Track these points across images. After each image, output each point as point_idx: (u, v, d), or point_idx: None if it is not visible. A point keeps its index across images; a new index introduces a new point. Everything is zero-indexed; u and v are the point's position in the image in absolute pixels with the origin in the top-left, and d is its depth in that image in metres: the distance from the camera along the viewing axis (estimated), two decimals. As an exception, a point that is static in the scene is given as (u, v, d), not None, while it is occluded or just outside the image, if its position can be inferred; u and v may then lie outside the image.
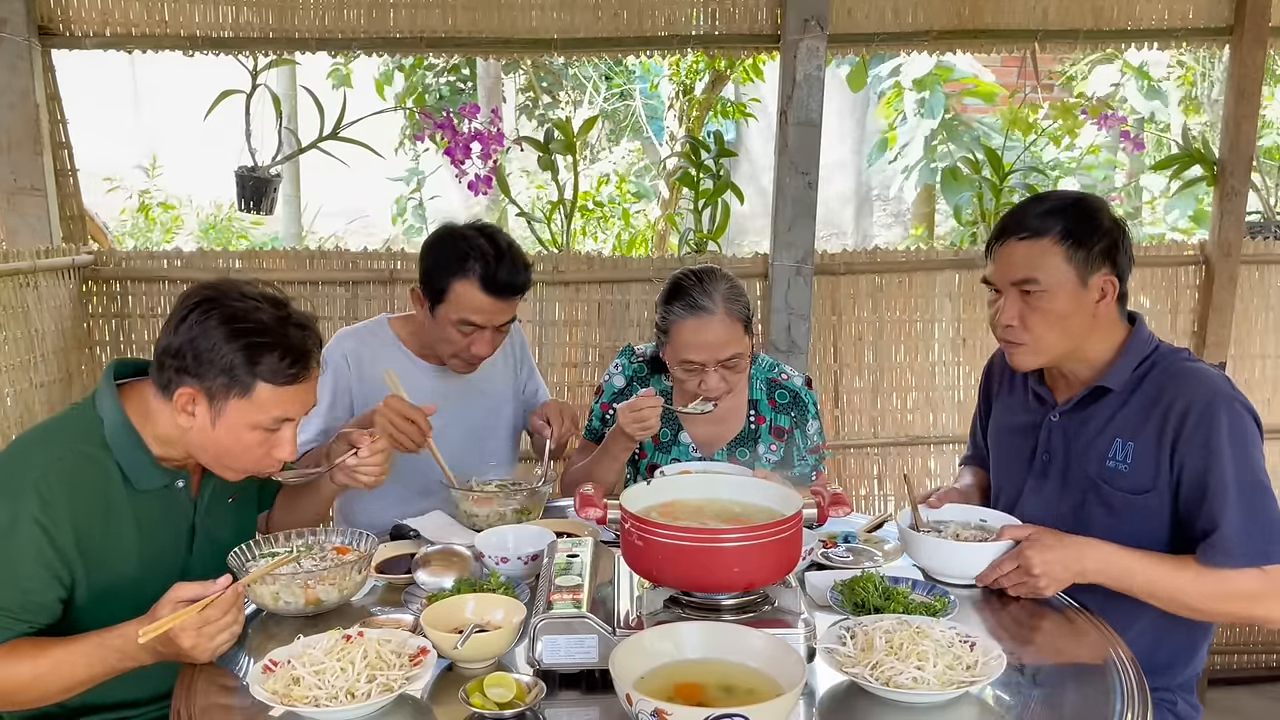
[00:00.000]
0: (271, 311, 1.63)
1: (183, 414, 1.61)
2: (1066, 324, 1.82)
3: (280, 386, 1.60)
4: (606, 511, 1.61)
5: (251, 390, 1.59)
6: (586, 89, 6.93)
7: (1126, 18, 3.09)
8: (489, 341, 2.22)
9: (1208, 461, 1.73)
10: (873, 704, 1.41)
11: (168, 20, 2.88)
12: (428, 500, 2.22)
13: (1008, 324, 1.85)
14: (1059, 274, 1.79)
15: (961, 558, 1.78)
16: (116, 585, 1.64)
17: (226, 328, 1.58)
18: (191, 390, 1.59)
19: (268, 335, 1.59)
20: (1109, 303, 1.84)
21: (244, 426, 1.61)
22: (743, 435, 2.37)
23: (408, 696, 1.42)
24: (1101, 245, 1.80)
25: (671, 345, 2.21)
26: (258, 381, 1.59)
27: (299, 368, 1.62)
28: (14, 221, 2.82)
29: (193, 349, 1.58)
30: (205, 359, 1.58)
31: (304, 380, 1.64)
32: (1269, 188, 3.42)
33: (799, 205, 2.98)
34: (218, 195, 6.69)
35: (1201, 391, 1.77)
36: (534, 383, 2.58)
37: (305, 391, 1.66)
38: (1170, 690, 1.89)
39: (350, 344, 2.33)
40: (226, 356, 1.57)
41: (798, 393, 2.38)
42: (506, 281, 2.16)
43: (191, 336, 1.58)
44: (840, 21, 2.98)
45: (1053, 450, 1.93)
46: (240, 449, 1.64)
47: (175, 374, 1.60)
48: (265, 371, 1.59)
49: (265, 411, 1.61)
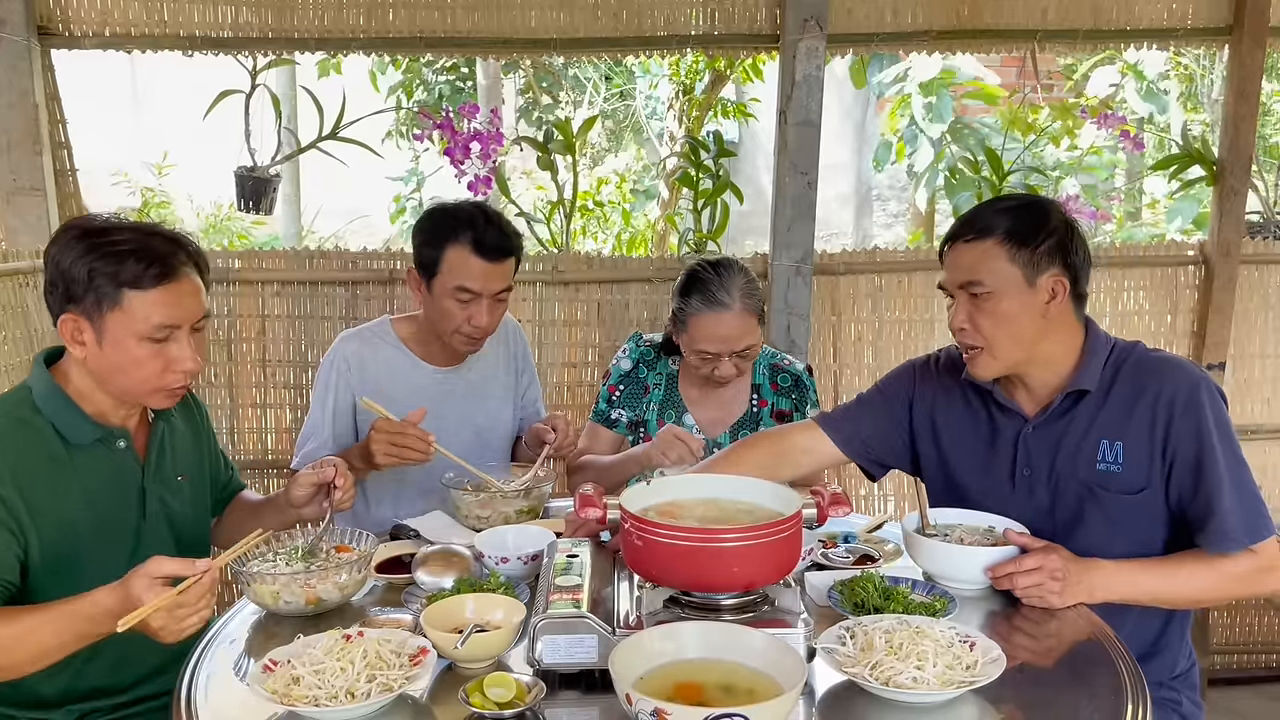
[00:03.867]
0: (133, 228, 1.66)
1: (75, 345, 1.64)
2: (1016, 325, 1.79)
3: (147, 290, 1.61)
4: (606, 511, 1.62)
5: (120, 300, 1.61)
6: (586, 89, 6.93)
7: (1126, 18, 3.09)
8: (487, 311, 2.22)
9: (1199, 451, 1.74)
10: (872, 704, 1.41)
11: (167, 20, 2.88)
12: (428, 500, 2.22)
13: (960, 327, 1.83)
14: (1003, 275, 1.77)
15: (967, 562, 1.77)
16: (70, 545, 1.65)
17: (85, 243, 1.61)
18: (72, 316, 1.63)
19: (124, 244, 1.61)
20: (1061, 303, 1.80)
21: (129, 339, 1.62)
22: (745, 418, 2.44)
23: (408, 696, 1.42)
24: (1047, 245, 1.77)
25: (688, 335, 2.29)
26: (124, 290, 1.60)
27: (161, 268, 1.62)
28: (14, 221, 2.82)
29: (61, 275, 1.62)
30: (72, 278, 1.61)
31: (171, 281, 1.64)
32: (1269, 187, 3.42)
33: (798, 205, 2.98)
34: (217, 195, 6.69)
35: (1182, 379, 1.78)
36: (534, 390, 2.59)
37: (179, 294, 1.65)
38: (1175, 689, 1.90)
39: (353, 346, 2.33)
40: (87, 269, 1.60)
41: (799, 377, 2.47)
42: (496, 243, 2.18)
43: (57, 263, 1.62)
44: (840, 21, 2.98)
45: (1034, 464, 1.88)
46: (136, 366, 1.65)
47: (59, 306, 1.64)
48: (128, 277, 1.60)
49: (144, 320, 1.62)
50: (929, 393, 2.01)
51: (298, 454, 2.33)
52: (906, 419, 2.04)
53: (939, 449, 2.00)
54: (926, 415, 2.01)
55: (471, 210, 2.22)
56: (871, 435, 2.04)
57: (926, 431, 2.02)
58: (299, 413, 3.06)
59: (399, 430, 2.06)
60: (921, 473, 2.05)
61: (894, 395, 2.05)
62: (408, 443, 2.05)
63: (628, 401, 2.48)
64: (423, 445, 2.06)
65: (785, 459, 2.02)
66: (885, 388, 2.08)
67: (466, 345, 2.28)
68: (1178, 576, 1.75)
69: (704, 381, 2.38)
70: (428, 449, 2.07)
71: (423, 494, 2.27)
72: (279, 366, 3.07)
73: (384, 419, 2.08)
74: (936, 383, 2.01)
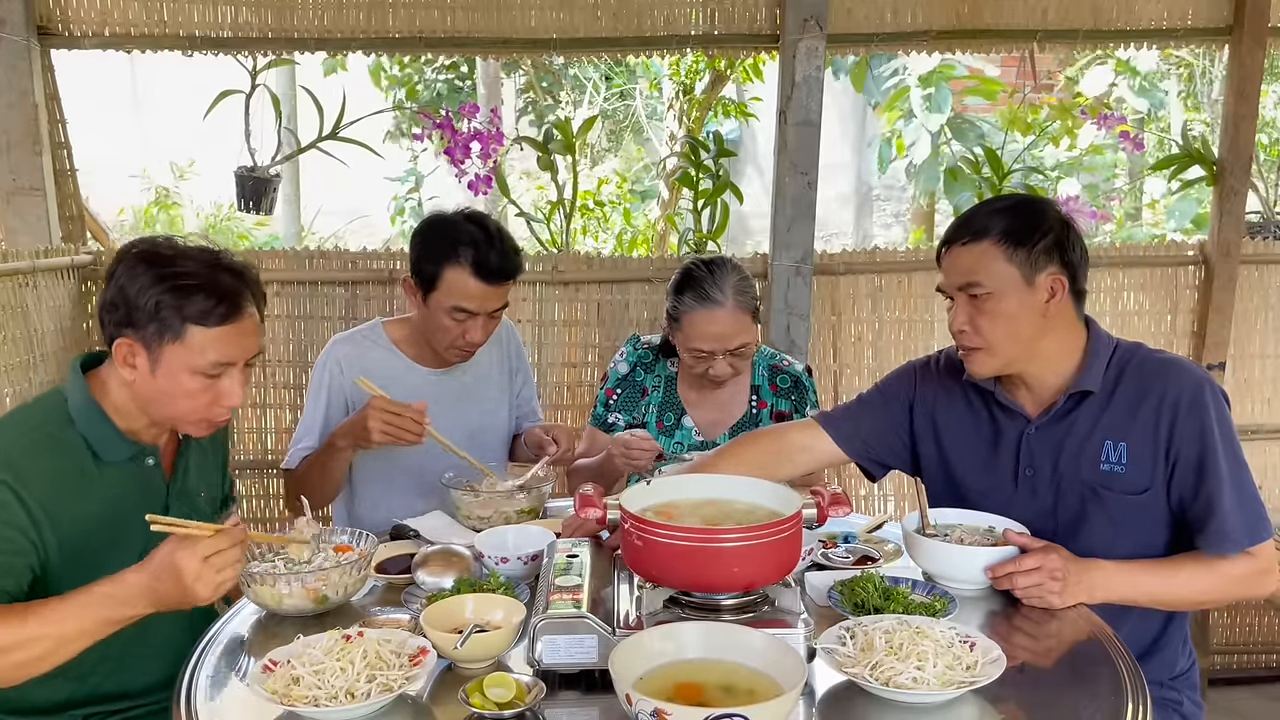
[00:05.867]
0: (199, 257, 1.64)
1: (125, 367, 1.63)
2: (1016, 325, 1.78)
3: (211, 329, 1.60)
4: (606, 511, 1.62)
5: (183, 334, 1.60)
6: (586, 89, 6.93)
7: (1126, 18, 3.09)
8: (482, 328, 2.22)
9: (1203, 448, 1.75)
10: (872, 704, 1.41)
11: (167, 20, 2.88)
12: (428, 500, 2.22)
13: (960, 329, 1.82)
14: (1001, 275, 1.77)
15: (967, 562, 1.76)
16: (90, 559, 1.64)
17: (153, 272, 1.60)
18: (129, 341, 1.61)
19: (194, 279, 1.60)
20: (1060, 301, 1.80)
21: (183, 372, 1.61)
22: (745, 419, 2.44)
23: (407, 696, 1.42)
24: (1044, 243, 1.77)
25: (682, 333, 2.30)
26: (187, 324, 1.59)
27: (227, 307, 1.61)
28: (13, 221, 2.82)
29: (124, 299, 1.60)
30: (135, 306, 1.59)
31: (235, 321, 1.63)
32: (1269, 187, 3.42)
33: (798, 205, 2.98)
34: (217, 195, 6.69)
35: (1186, 380, 1.78)
36: (529, 390, 2.58)
37: (240, 334, 1.65)
38: (1175, 689, 1.90)
39: (345, 349, 2.33)
40: (154, 300, 1.58)
41: (799, 378, 2.46)
42: (498, 266, 2.16)
43: (121, 285, 1.61)
44: (839, 21, 2.98)
45: (1037, 464, 1.88)
46: (185, 397, 1.64)
47: (114, 328, 1.62)
48: (194, 313, 1.59)
49: (201, 356, 1.61)
50: (930, 394, 2.01)
51: (291, 450, 2.34)
52: (907, 420, 2.03)
53: (940, 449, 2.00)
54: (928, 416, 2.01)
55: (473, 228, 2.17)
56: (871, 434, 2.04)
57: (928, 432, 2.01)
58: (298, 413, 3.05)
59: (396, 409, 2.06)
60: (922, 473, 2.04)
61: (894, 396, 2.05)
62: (403, 423, 2.05)
63: (625, 405, 2.48)
64: (417, 426, 2.06)
65: (783, 456, 2.01)
66: (885, 389, 2.08)
67: (458, 357, 2.28)
68: (1177, 578, 1.75)
69: (702, 383, 2.38)
70: (422, 430, 2.07)
71: (423, 494, 2.26)
72: (278, 366, 3.07)
73: (380, 396, 2.09)
74: (937, 384, 2.01)
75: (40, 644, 1.47)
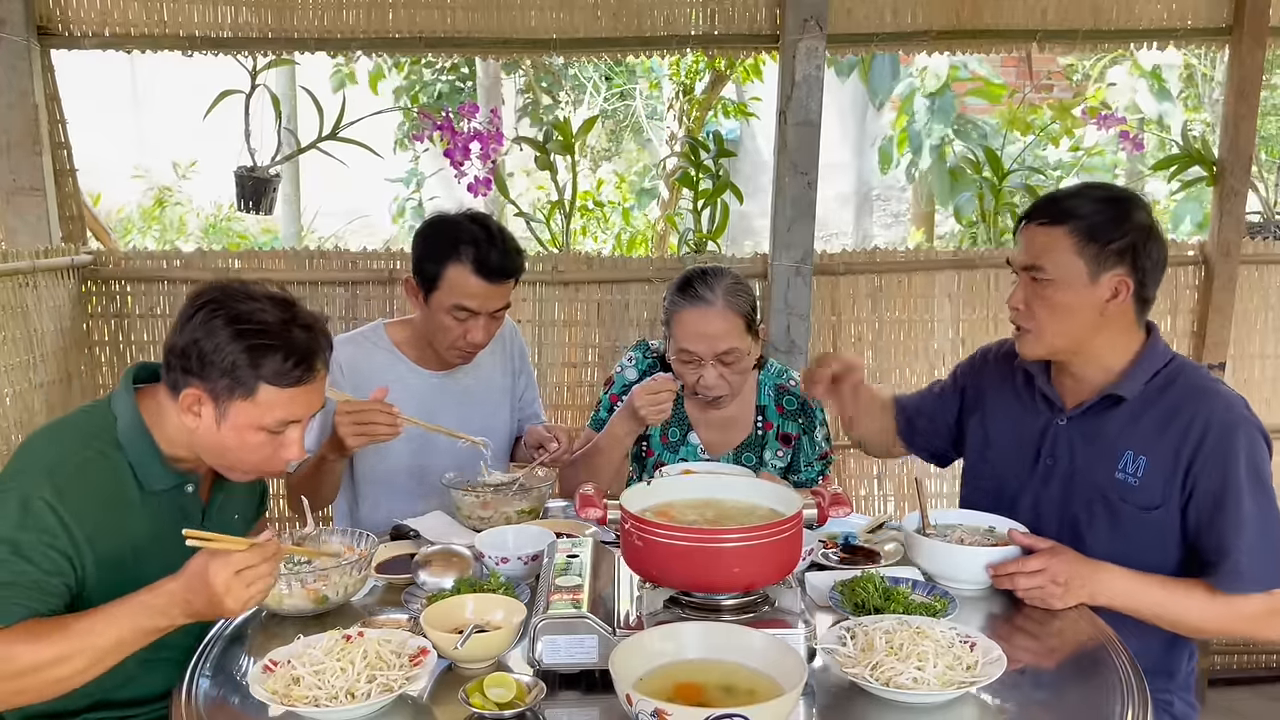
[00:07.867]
0: (276, 313, 1.61)
1: (189, 414, 1.61)
2: (1070, 317, 1.78)
3: (283, 389, 1.59)
4: (606, 511, 1.61)
5: (255, 392, 1.58)
6: (586, 89, 6.93)
7: (1126, 18, 3.08)
8: (484, 328, 2.22)
9: (1223, 486, 1.71)
10: (873, 704, 1.41)
11: (166, 20, 2.88)
12: (428, 500, 2.22)
13: (1015, 307, 1.83)
14: (1067, 265, 1.76)
15: (968, 562, 1.77)
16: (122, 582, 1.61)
17: (230, 328, 1.57)
18: (197, 391, 1.59)
19: (271, 337, 1.58)
20: (1121, 304, 1.78)
21: (248, 428, 1.60)
22: (750, 441, 2.39)
23: (408, 697, 1.42)
24: (1119, 244, 1.75)
25: (672, 336, 2.26)
26: (260, 383, 1.58)
27: (302, 370, 1.60)
28: (13, 221, 2.82)
29: (197, 350, 1.58)
30: (209, 360, 1.57)
31: (308, 383, 1.62)
32: (1269, 187, 3.42)
33: (798, 205, 2.98)
34: (217, 195, 6.69)
35: (1222, 412, 1.75)
36: (531, 392, 2.57)
37: (310, 393, 1.64)
38: (1169, 690, 1.89)
39: (346, 351, 2.31)
40: (229, 357, 1.56)
41: (805, 400, 2.39)
42: (499, 265, 2.16)
43: (196, 337, 1.58)
44: (839, 21, 2.98)
45: (1058, 456, 1.89)
46: (246, 450, 1.63)
47: (181, 374, 1.60)
48: (268, 373, 1.58)
49: (269, 413, 1.60)
50: (990, 371, 2.08)
51: None
52: (958, 395, 2.13)
53: (984, 425, 2.06)
54: (980, 391, 2.09)
55: (475, 228, 2.17)
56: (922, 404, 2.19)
57: (976, 406, 2.08)
58: (299, 413, 3.06)
59: (360, 408, 2.03)
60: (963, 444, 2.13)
61: (958, 374, 2.17)
62: (371, 418, 2.02)
63: None
64: (388, 419, 2.03)
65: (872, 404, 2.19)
66: (955, 370, 2.20)
67: (460, 359, 2.28)
68: (1184, 601, 1.72)
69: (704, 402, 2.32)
70: (394, 421, 2.04)
71: (423, 494, 2.26)
72: (279, 366, 3.06)
73: (343, 401, 2.06)
74: (995, 366, 2.07)
75: (80, 657, 1.46)
